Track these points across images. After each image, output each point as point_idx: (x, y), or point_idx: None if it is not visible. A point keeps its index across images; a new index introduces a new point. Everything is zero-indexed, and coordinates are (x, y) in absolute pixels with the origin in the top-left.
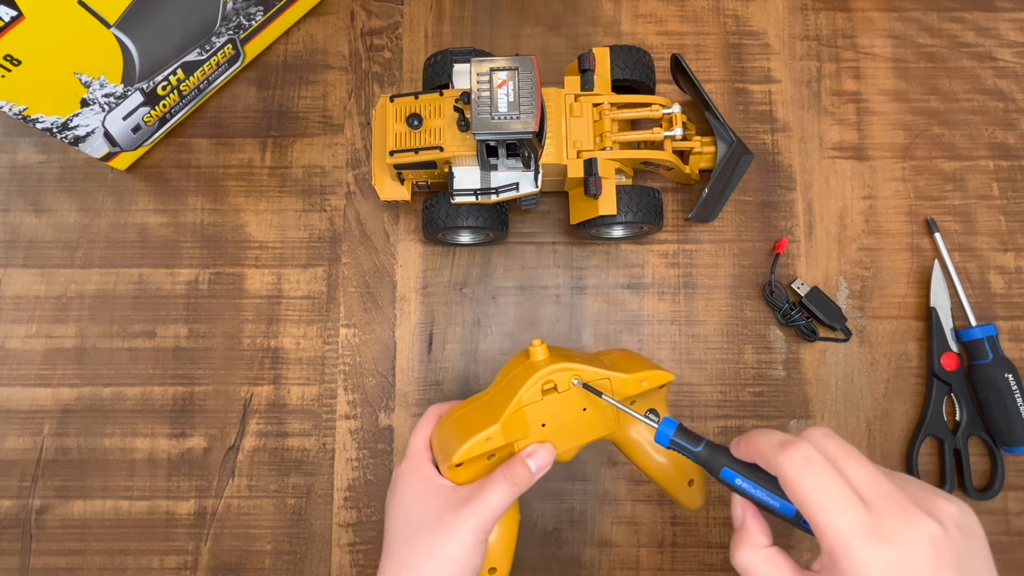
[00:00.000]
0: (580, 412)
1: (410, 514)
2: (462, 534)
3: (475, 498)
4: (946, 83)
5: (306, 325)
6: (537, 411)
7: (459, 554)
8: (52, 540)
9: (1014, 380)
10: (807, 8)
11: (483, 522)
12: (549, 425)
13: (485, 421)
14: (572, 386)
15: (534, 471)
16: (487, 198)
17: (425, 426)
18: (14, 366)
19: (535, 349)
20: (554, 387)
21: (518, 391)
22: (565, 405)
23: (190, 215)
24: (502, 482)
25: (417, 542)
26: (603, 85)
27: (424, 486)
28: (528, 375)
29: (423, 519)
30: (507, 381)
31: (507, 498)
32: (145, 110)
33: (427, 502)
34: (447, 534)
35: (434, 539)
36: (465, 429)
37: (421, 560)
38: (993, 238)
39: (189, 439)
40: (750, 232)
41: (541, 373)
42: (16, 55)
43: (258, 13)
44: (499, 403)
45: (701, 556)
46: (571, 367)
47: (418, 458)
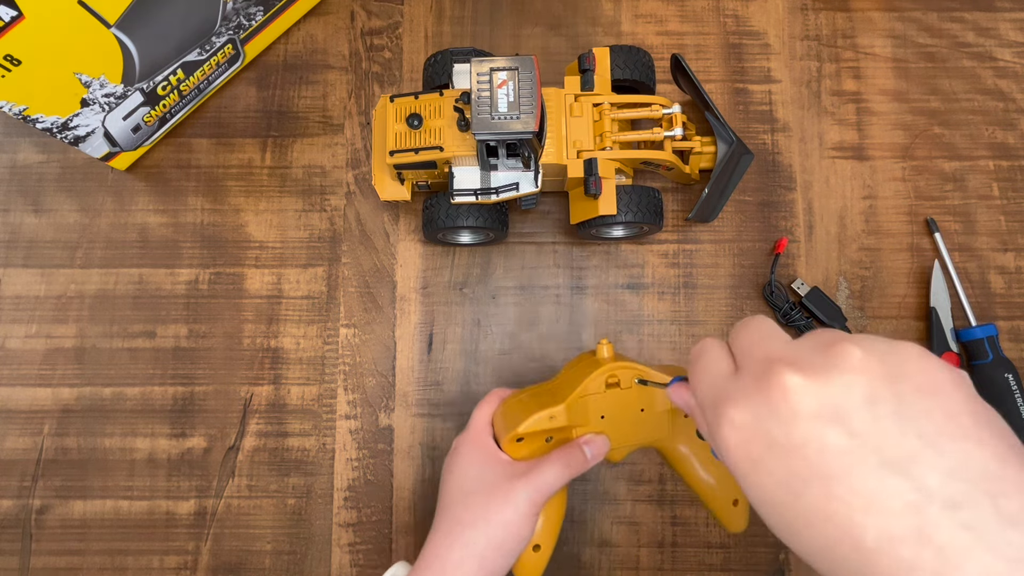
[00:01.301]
0: (638, 412)
1: (467, 479)
2: (516, 502)
3: (531, 472)
4: (946, 83)
5: (306, 325)
6: (598, 402)
7: (511, 520)
8: (52, 540)
9: (1014, 380)
10: (807, 8)
11: (536, 495)
12: (608, 418)
13: (550, 403)
14: (634, 384)
15: (589, 458)
16: (487, 198)
17: (489, 402)
18: (14, 366)
19: (602, 347)
20: (617, 382)
21: (584, 379)
22: (625, 402)
23: (190, 215)
24: (559, 462)
25: (472, 504)
26: (603, 85)
27: (483, 456)
28: (597, 366)
29: (479, 484)
30: (573, 372)
31: (561, 478)
32: (145, 110)
33: (485, 470)
34: (502, 500)
35: (488, 502)
36: (530, 408)
37: (474, 520)
38: (993, 238)
39: (189, 439)
40: (750, 232)
41: (609, 366)
42: (16, 55)
43: (258, 13)
44: (565, 389)
45: (701, 556)
46: (636, 367)
47: (479, 430)
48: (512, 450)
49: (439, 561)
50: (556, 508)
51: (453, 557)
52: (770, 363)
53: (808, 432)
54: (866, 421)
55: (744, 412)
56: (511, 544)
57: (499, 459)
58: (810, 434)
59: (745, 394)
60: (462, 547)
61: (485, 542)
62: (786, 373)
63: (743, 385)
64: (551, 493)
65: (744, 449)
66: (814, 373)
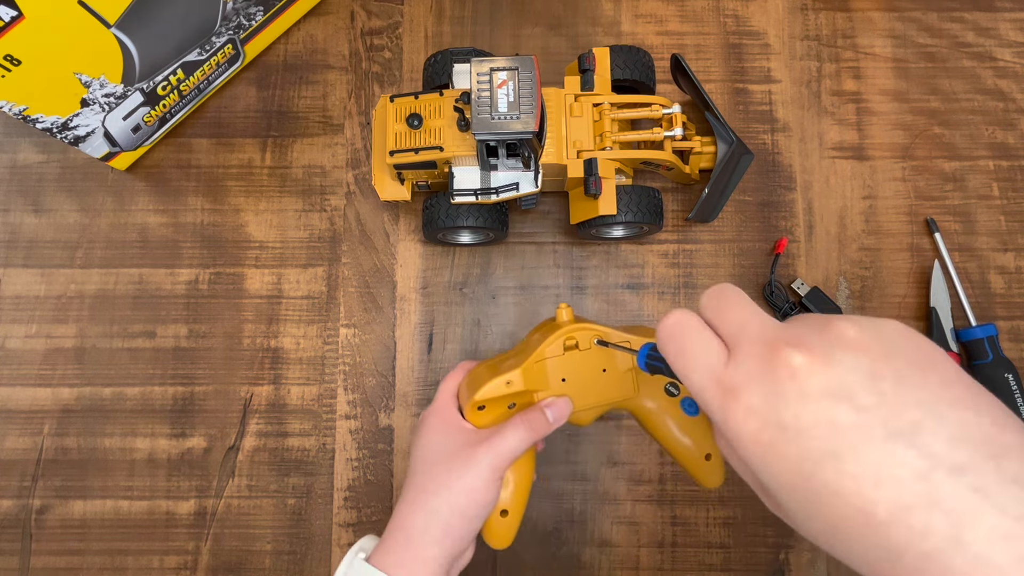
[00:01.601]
0: (600, 372)
1: (430, 449)
2: (478, 468)
3: (493, 437)
4: (946, 83)
5: (306, 325)
6: (558, 365)
7: (474, 486)
8: (52, 540)
9: (1014, 380)
10: (807, 8)
11: (498, 460)
12: (569, 380)
13: (507, 369)
14: (593, 345)
15: (551, 420)
16: (487, 198)
17: (455, 375)
18: (14, 366)
19: (561, 312)
20: (576, 344)
21: (541, 344)
22: (585, 363)
23: (190, 215)
24: (520, 426)
25: (434, 472)
26: (603, 85)
27: (446, 426)
28: (555, 329)
29: (441, 453)
30: (536, 339)
31: (523, 441)
32: (145, 110)
33: (447, 438)
34: (463, 466)
35: (449, 469)
36: (488, 376)
37: (437, 488)
38: (993, 238)
39: (189, 439)
40: (750, 232)
41: (565, 329)
42: (16, 55)
43: (258, 13)
44: (523, 355)
45: (701, 556)
46: (594, 327)
47: (444, 403)
48: (475, 418)
49: (403, 531)
50: (523, 473)
51: (417, 524)
52: (772, 345)
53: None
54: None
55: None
56: (475, 509)
57: (461, 428)
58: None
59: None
60: (426, 514)
61: (448, 509)
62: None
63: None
64: (513, 457)
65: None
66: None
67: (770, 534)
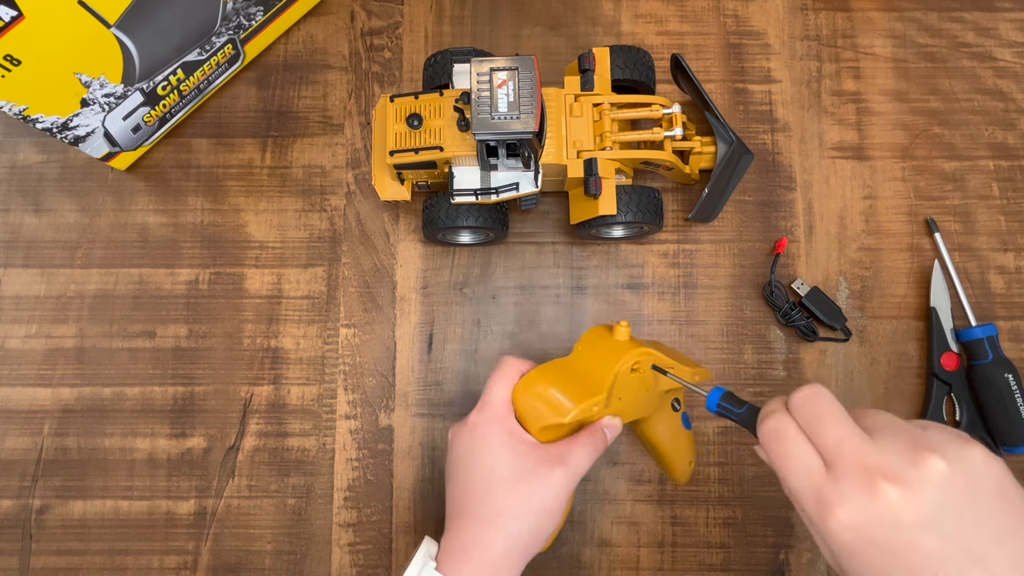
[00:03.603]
0: (644, 392)
1: (498, 464)
2: (557, 490)
3: (566, 457)
4: (946, 83)
5: (306, 325)
6: (621, 385)
7: (551, 507)
8: (52, 540)
9: (1014, 380)
10: (807, 8)
11: (573, 479)
12: (624, 399)
13: (588, 388)
14: (649, 369)
15: (608, 439)
16: (487, 198)
17: (507, 377)
18: (14, 366)
19: (622, 329)
20: (639, 367)
21: (615, 365)
22: (639, 385)
23: (190, 215)
24: (588, 445)
25: (512, 493)
26: (603, 85)
27: (511, 439)
28: (622, 351)
29: (516, 471)
30: (599, 354)
31: (591, 460)
32: (145, 110)
33: (518, 455)
34: (543, 487)
35: (531, 490)
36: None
37: (518, 510)
38: (993, 238)
39: (189, 439)
40: (750, 232)
41: (635, 352)
42: (16, 55)
43: (258, 13)
44: (599, 372)
45: (701, 556)
46: (654, 353)
47: (500, 409)
48: (542, 434)
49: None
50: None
51: (498, 548)
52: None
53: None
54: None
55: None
56: (550, 528)
57: (529, 443)
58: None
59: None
60: (507, 538)
61: (529, 532)
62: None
63: (845, 491)
64: (581, 476)
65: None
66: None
67: (770, 534)
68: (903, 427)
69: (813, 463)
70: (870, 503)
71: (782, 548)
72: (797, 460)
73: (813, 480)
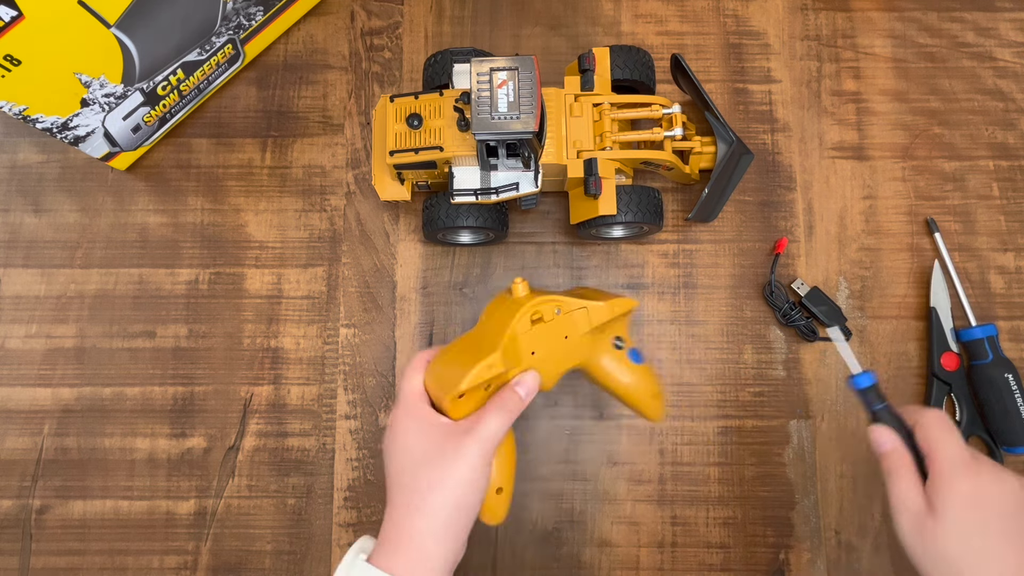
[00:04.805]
0: (562, 340)
1: (412, 450)
2: (469, 459)
3: (475, 426)
4: (946, 83)
5: (306, 325)
6: (527, 340)
7: (468, 477)
8: (52, 540)
9: (1014, 380)
10: (807, 8)
11: (486, 447)
12: (538, 353)
13: (483, 352)
14: (555, 316)
15: (524, 397)
16: (487, 198)
17: (416, 369)
18: (14, 366)
19: (517, 286)
20: (540, 317)
21: (510, 322)
22: (550, 333)
23: (190, 215)
24: (499, 410)
25: (425, 472)
26: (603, 85)
27: (422, 424)
28: (517, 307)
29: (427, 452)
30: (496, 317)
31: (503, 424)
32: (145, 110)
33: (428, 436)
34: (452, 460)
35: (442, 466)
36: (465, 362)
37: (431, 485)
38: (993, 238)
39: (189, 439)
40: (750, 232)
41: (532, 303)
42: (16, 55)
43: (258, 13)
44: (493, 335)
45: (701, 556)
46: (555, 299)
47: (413, 400)
48: (454, 409)
49: (404, 532)
50: (507, 450)
51: (418, 525)
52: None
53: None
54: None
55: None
56: (472, 497)
57: (439, 423)
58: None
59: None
60: (425, 515)
61: (447, 504)
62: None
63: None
64: (498, 441)
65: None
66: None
67: (770, 534)
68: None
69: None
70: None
71: (782, 548)
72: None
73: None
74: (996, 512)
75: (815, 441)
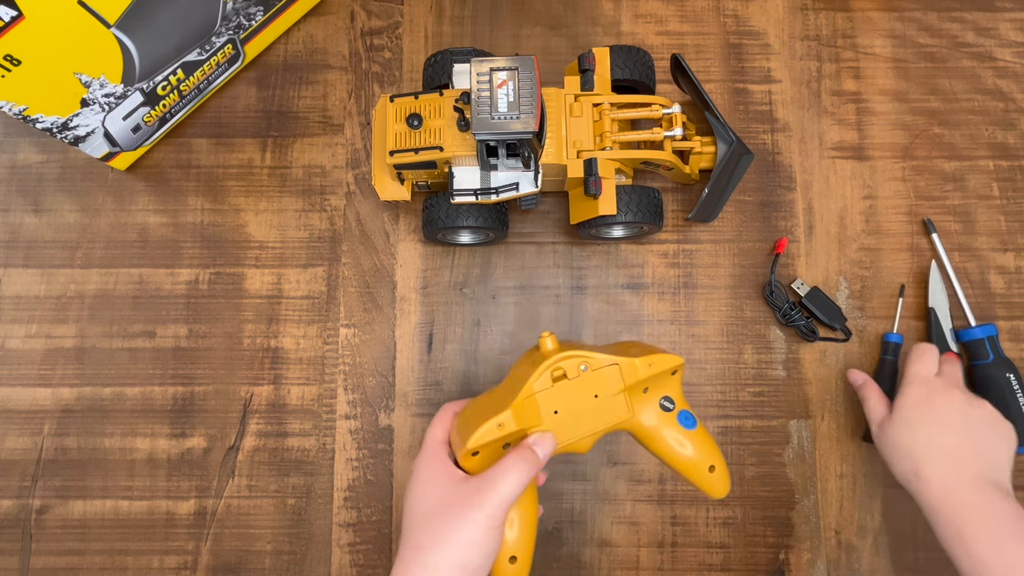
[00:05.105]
0: (591, 399)
1: (424, 501)
2: (475, 519)
3: (485, 485)
4: (946, 83)
5: (306, 325)
6: (549, 398)
7: (471, 538)
8: (52, 540)
9: (1015, 380)
10: (807, 8)
11: (495, 508)
12: (561, 412)
13: (497, 409)
14: (581, 373)
15: (541, 457)
16: (487, 198)
17: (442, 419)
18: (14, 366)
19: (545, 341)
20: (564, 374)
21: (528, 379)
22: (576, 391)
23: (190, 215)
24: (512, 469)
25: (429, 526)
26: (603, 85)
27: (437, 475)
28: (539, 362)
29: (435, 505)
30: (520, 372)
31: (517, 484)
32: (145, 110)
33: (440, 489)
34: (458, 519)
35: (446, 523)
36: (479, 418)
37: (434, 543)
38: (993, 238)
39: (189, 439)
40: (750, 232)
41: (551, 360)
42: (16, 55)
43: (258, 13)
44: (511, 392)
45: (701, 556)
46: (579, 354)
47: (434, 449)
48: (470, 465)
49: None
50: (526, 515)
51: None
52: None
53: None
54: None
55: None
56: (477, 561)
57: (454, 477)
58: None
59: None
60: (423, 570)
61: (448, 564)
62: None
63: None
64: (509, 503)
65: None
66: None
67: (770, 534)
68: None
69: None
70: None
71: (782, 548)
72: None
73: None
74: (941, 411)
75: (815, 441)
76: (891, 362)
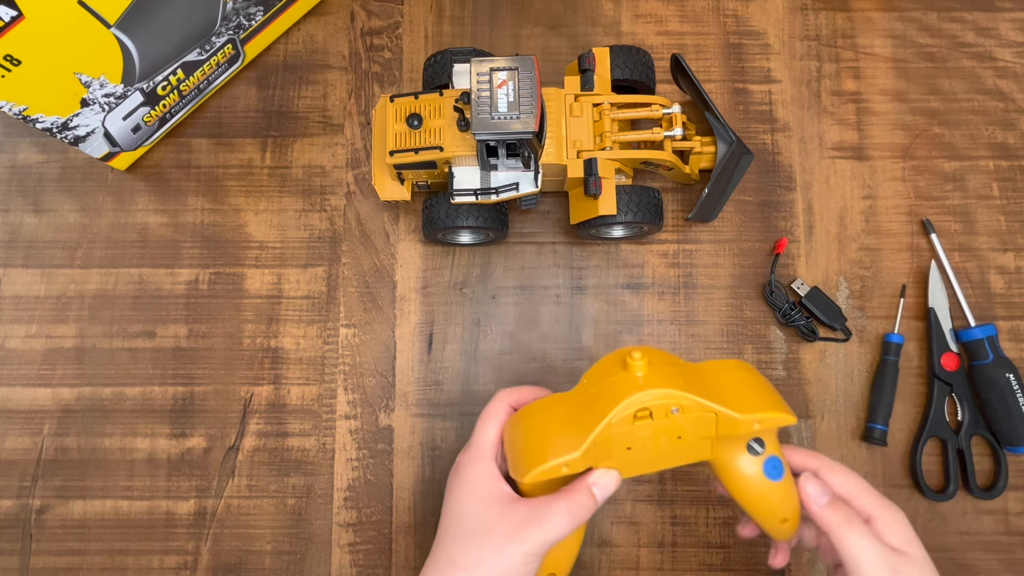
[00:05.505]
0: (674, 440)
1: (465, 512)
2: (514, 555)
3: (532, 518)
4: (946, 83)
5: (306, 325)
6: (625, 435)
7: (508, 569)
8: (52, 540)
9: (1015, 380)
10: (807, 8)
11: (536, 547)
12: (635, 449)
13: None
14: (670, 415)
15: (599, 499)
16: (487, 198)
17: (496, 414)
18: (14, 366)
19: (635, 363)
20: (649, 414)
21: (608, 413)
22: (658, 433)
23: (190, 215)
24: (565, 512)
25: (467, 546)
26: (603, 85)
27: (485, 486)
28: (623, 393)
29: (477, 523)
30: (599, 391)
31: (566, 527)
32: (145, 110)
33: (484, 507)
34: (497, 549)
35: (483, 549)
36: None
37: (469, 565)
38: (993, 238)
39: (189, 439)
40: (750, 232)
41: (637, 398)
42: (16, 55)
43: (258, 13)
44: (585, 421)
45: (701, 556)
46: (676, 395)
47: (484, 450)
48: (523, 487)
49: None
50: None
51: None
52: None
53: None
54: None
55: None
56: None
57: (502, 495)
58: None
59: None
60: None
61: None
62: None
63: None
64: (553, 544)
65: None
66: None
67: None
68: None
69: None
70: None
71: None
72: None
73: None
74: None
75: (815, 441)
76: (892, 362)
